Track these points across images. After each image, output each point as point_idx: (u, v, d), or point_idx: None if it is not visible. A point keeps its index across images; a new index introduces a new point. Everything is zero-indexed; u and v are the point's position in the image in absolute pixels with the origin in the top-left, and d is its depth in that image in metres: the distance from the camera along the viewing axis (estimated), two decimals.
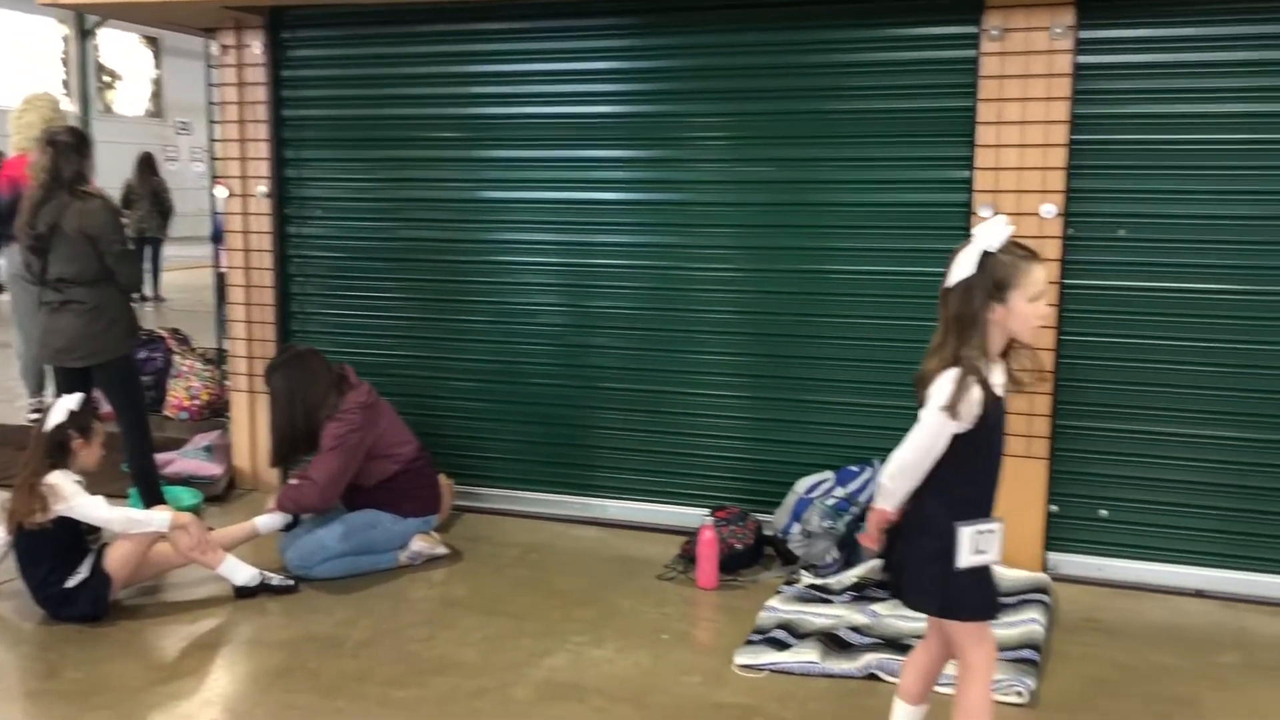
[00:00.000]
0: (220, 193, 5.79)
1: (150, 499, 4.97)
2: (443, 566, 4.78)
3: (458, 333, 5.52)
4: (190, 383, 6.43)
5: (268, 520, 4.65)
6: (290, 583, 4.47)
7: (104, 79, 22.01)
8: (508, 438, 5.50)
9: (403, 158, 5.51)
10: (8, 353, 7.49)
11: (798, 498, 4.73)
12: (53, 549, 4.13)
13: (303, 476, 4.67)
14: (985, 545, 2.69)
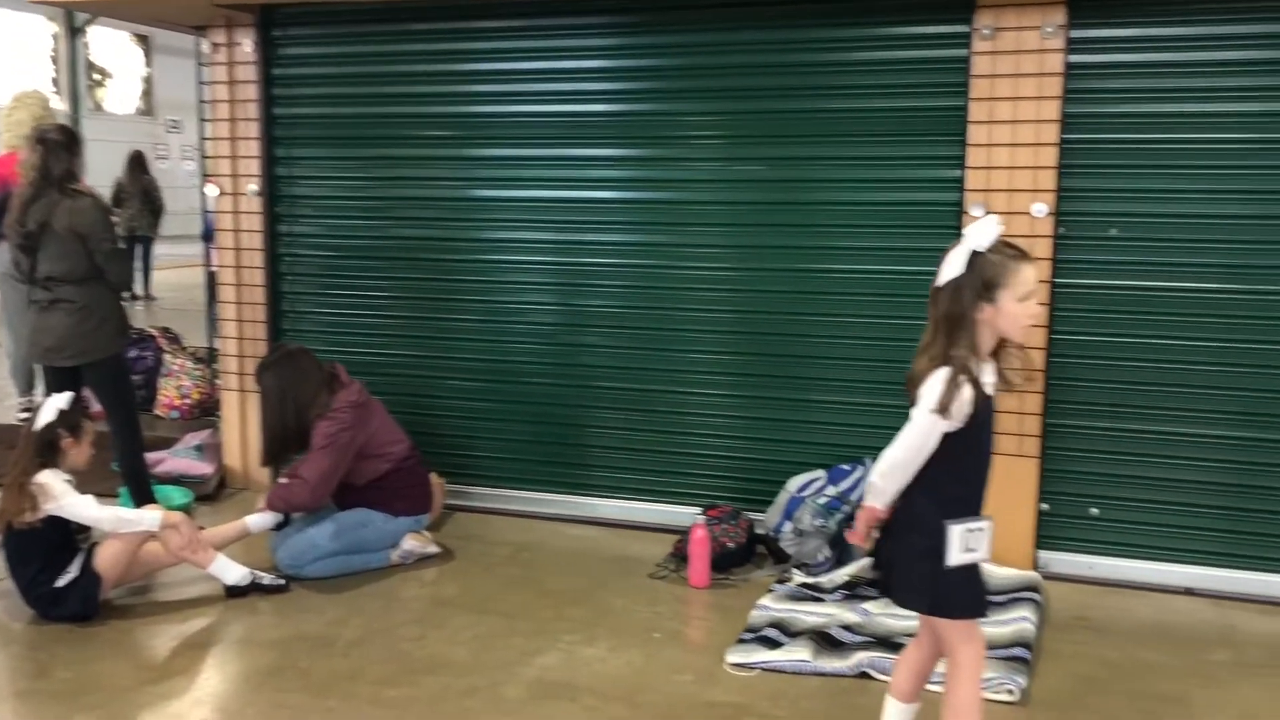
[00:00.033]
0: (211, 191, 5.79)
1: (141, 498, 4.96)
2: (434, 565, 4.78)
3: (449, 331, 5.51)
4: (181, 381, 6.41)
5: (259, 519, 4.64)
6: (281, 582, 4.46)
7: (94, 77, 21.94)
8: (500, 436, 5.50)
9: (394, 156, 5.50)
10: None
11: (790, 496, 4.73)
12: (42, 548, 4.12)
13: (293, 475, 4.66)
14: (975, 543, 2.70)
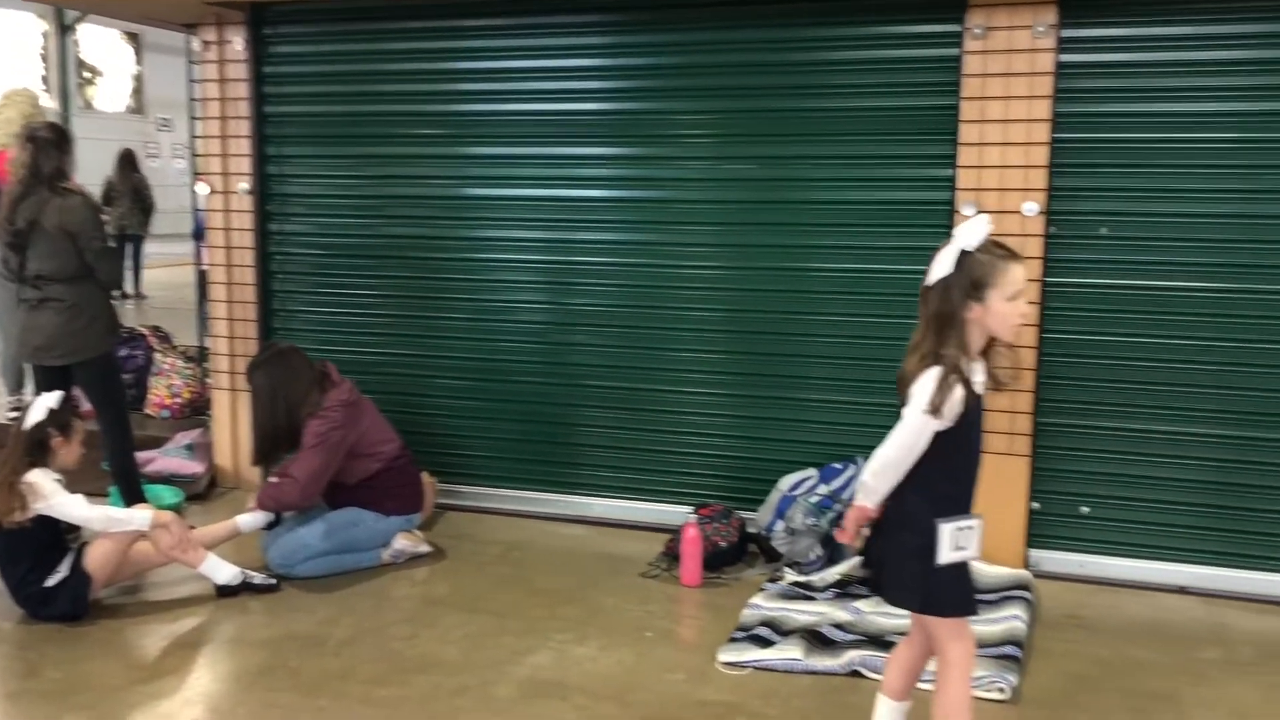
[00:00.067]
0: (202, 189, 5.77)
1: (131, 497, 4.95)
2: (425, 565, 4.77)
3: (440, 330, 5.51)
4: (171, 380, 6.39)
5: (249, 519, 4.63)
6: (272, 581, 4.45)
7: (84, 75, 21.81)
8: (491, 435, 5.49)
9: (385, 154, 5.49)
10: None
11: (781, 495, 4.73)
12: (32, 548, 4.11)
13: (283, 474, 4.65)
14: (965, 541, 2.70)
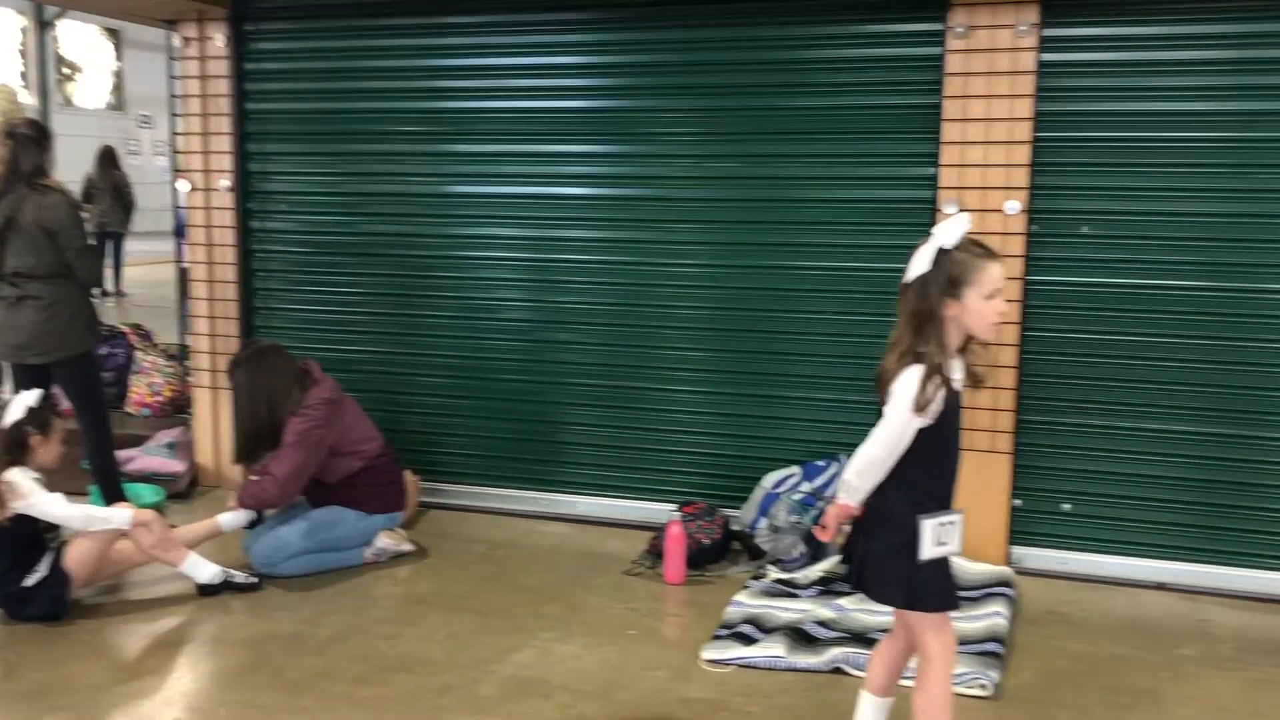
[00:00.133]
0: (183, 187, 5.74)
1: (111, 496, 4.91)
2: (408, 563, 4.76)
3: (423, 328, 5.49)
4: (152, 379, 6.36)
5: (231, 518, 4.61)
6: (254, 580, 4.43)
7: (64, 71, 21.67)
8: (474, 434, 5.48)
9: (368, 152, 5.47)
10: None
11: (765, 493, 4.74)
12: (11, 547, 4.07)
13: (263, 472, 4.63)
14: (947, 537, 2.72)
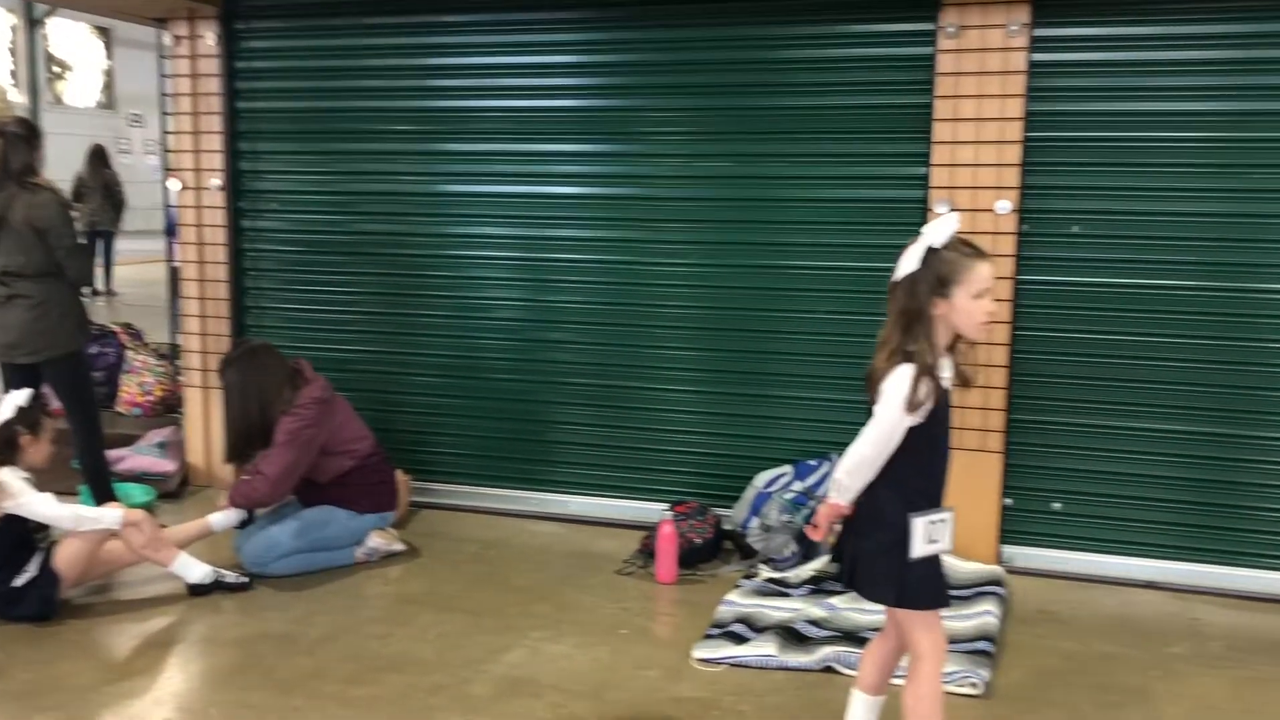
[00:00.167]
0: (173, 185, 5.72)
1: (101, 496, 4.90)
2: (399, 563, 4.75)
3: (415, 327, 5.49)
4: (143, 378, 6.34)
5: (221, 517, 4.60)
6: (245, 580, 4.43)
7: (54, 69, 21.60)
8: (466, 433, 5.48)
9: (359, 151, 5.46)
10: None
11: (756, 492, 4.74)
12: (0, 547, 4.06)
13: (254, 471, 4.62)
14: (938, 535, 2.72)
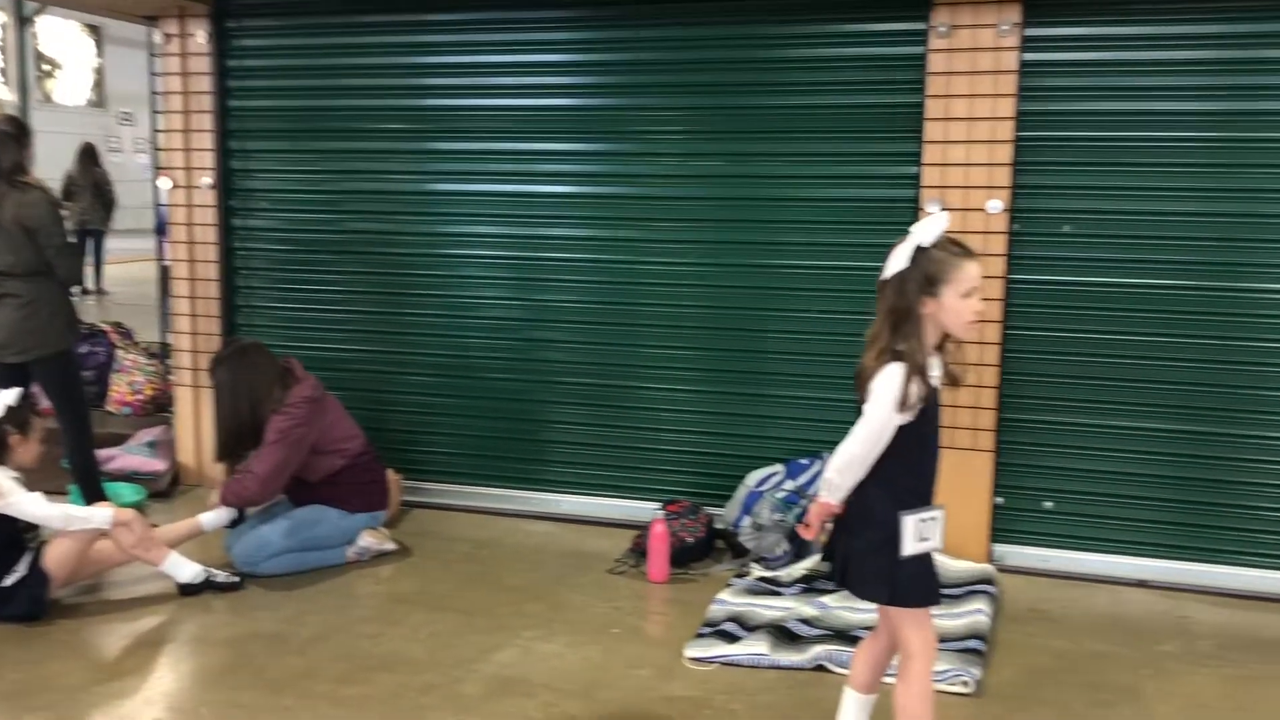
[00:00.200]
0: (164, 184, 5.71)
1: (91, 496, 4.88)
2: (391, 562, 4.74)
3: (407, 326, 5.48)
4: (133, 377, 6.32)
5: (212, 517, 4.60)
6: (236, 579, 4.41)
7: (44, 67, 21.54)
8: (458, 432, 5.47)
9: (351, 149, 5.45)
10: None
11: (748, 491, 4.75)
12: None
13: (246, 471, 4.61)
14: (928, 532, 2.73)
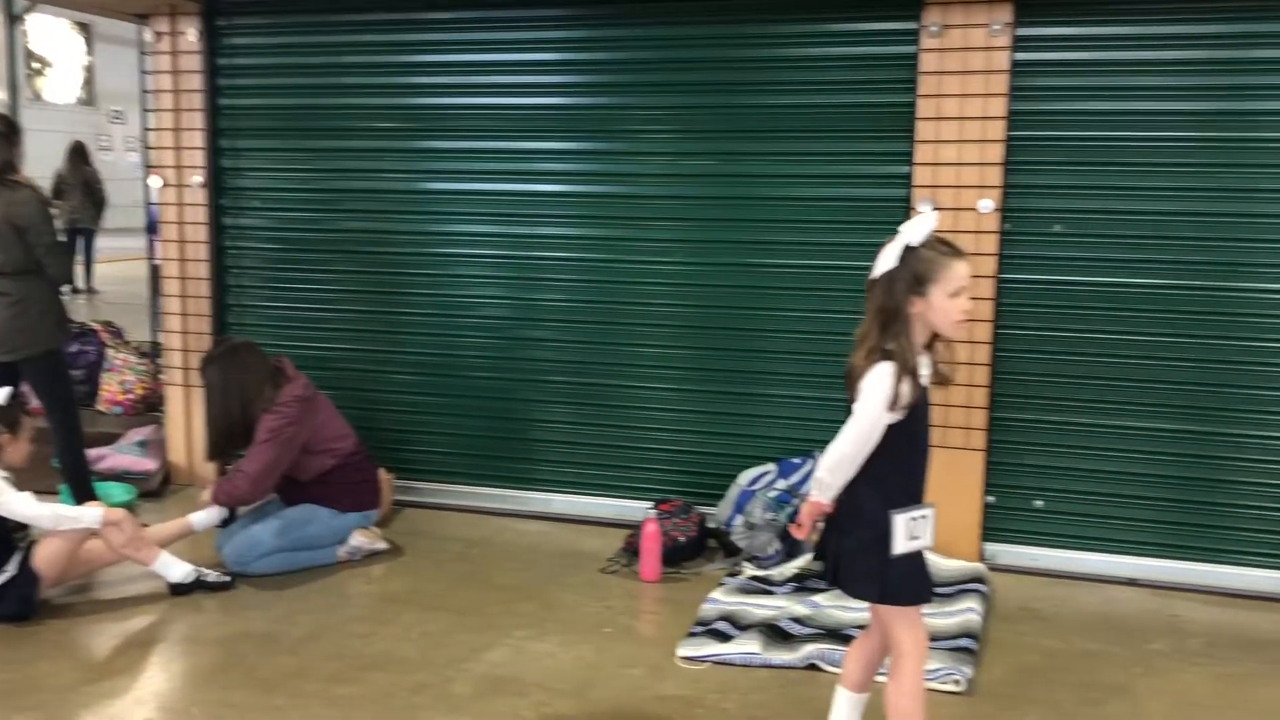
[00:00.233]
0: (155, 183, 5.69)
1: (81, 495, 4.87)
2: (382, 562, 4.74)
3: (398, 325, 5.47)
4: (124, 376, 6.30)
5: (203, 516, 4.59)
6: (226, 579, 4.40)
7: (33, 65, 21.49)
8: (449, 432, 5.47)
9: (342, 148, 5.44)
10: None
11: (740, 490, 4.75)
12: None
13: (237, 470, 4.61)
14: (919, 531, 2.73)
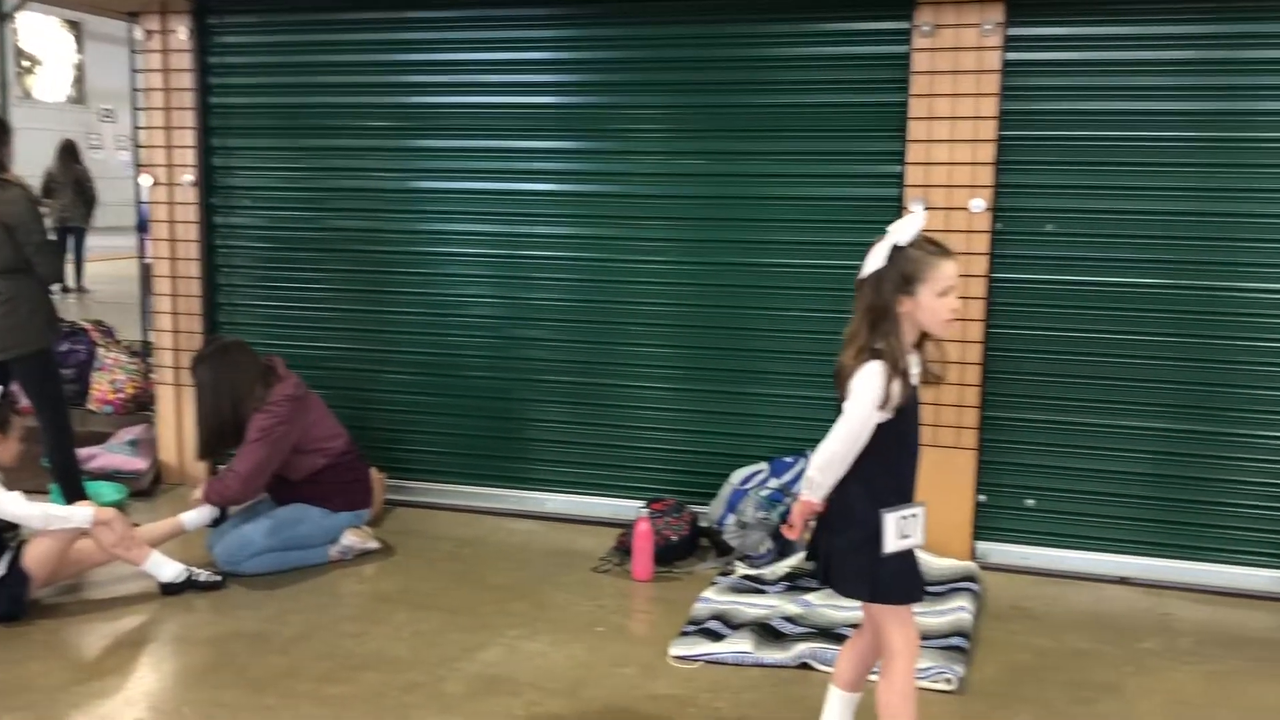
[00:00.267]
0: (145, 181, 5.68)
1: (72, 495, 4.85)
2: (374, 561, 4.73)
3: (390, 324, 5.46)
4: (114, 375, 6.28)
5: (194, 516, 4.58)
6: (218, 579, 4.39)
7: (23, 64, 21.40)
8: (441, 431, 5.46)
9: (333, 146, 5.43)
10: None
11: (733, 489, 4.75)
12: None
13: (228, 469, 4.59)
14: (909, 529, 2.74)
